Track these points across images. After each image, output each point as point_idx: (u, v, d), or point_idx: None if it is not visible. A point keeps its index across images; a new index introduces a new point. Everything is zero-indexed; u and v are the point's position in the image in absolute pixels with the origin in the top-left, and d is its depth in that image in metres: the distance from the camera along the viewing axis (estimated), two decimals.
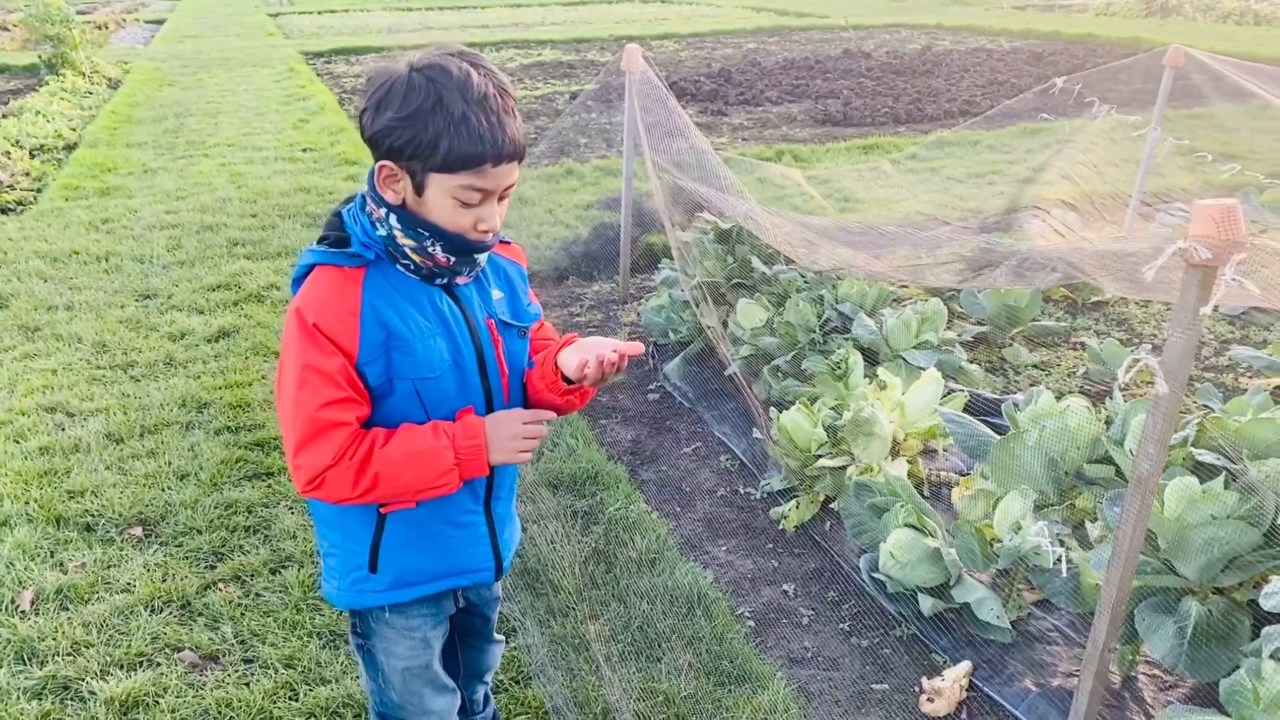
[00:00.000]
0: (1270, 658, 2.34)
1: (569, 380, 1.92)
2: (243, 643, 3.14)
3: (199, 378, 4.97)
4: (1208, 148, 7.06)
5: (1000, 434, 3.60)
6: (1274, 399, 3.74)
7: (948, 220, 6.80)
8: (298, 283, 1.83)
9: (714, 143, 5.84)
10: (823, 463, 3.73)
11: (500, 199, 1.79)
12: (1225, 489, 2.72)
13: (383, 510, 1.91)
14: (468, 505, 1.99)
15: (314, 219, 7.64)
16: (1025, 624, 3.25)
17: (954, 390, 4.19)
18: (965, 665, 3.09)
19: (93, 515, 3.78)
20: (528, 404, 2.06)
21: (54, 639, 3.12)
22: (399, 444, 1.78)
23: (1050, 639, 3.21)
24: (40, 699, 2.89)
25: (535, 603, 3.31)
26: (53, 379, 4.93)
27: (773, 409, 4.06)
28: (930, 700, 3.00)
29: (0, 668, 3.00)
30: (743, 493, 4.09)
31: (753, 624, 3.33)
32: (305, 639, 3.14)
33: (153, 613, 3.27)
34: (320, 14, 26.81)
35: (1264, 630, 2.43)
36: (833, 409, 3.89)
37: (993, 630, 3.13)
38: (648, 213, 6.66)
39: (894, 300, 4.78)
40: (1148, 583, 2.73)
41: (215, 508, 3.83)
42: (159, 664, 3.04)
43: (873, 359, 4.38)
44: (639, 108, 5.50)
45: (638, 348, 1.89)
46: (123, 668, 3.02)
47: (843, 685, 3.08)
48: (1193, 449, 2.93)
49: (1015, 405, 3.53)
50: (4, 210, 7.99)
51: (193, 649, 3.11)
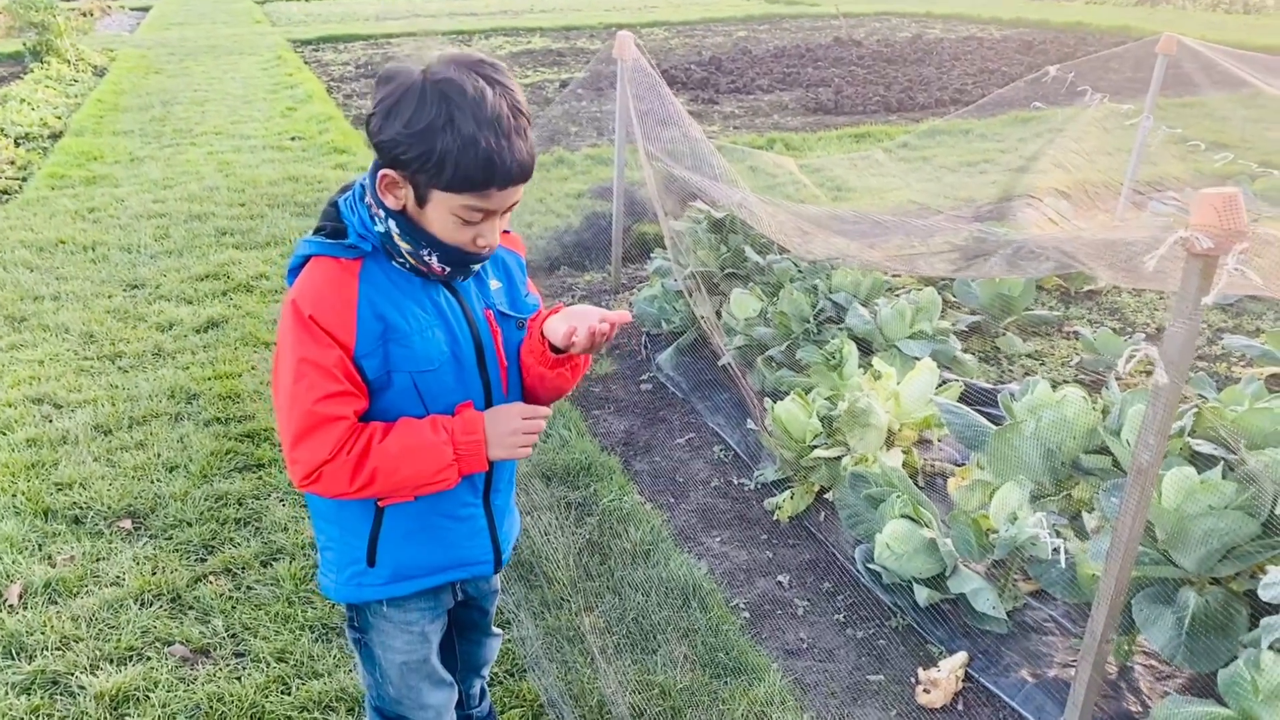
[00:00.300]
0: (1270, 649, 2.33)
1: (556, 350, 1.88)
2: (234, 636, 3.12)
3: (188, 368, 4.92)
4: (1199, 136, 7.04)
5: (996, 424, 3.59)
6: (1268, 388, 3.74)
7: (940, 209, 6.78)
8: (293, 273, 1.80)
9: (705, 131, 5.80)
10: (818, 453, 3.71)
11: (502, 214, 1.76)
12: (1223, 479, 2.71)
13: (381, 504, 1.88)
14: (467, 498, 1.97)
15: (303, 208, 7.59)
16: (1021, 614, 3.25)
17: (949, 380, 4.18)
18: (961, 656, 3.08)
19: (81, 508, 3.74)
20: (527, 396, 2.03)
21: (42, 633, 3.09)
22: (397, 439, 1.76)
23: (1046, 629, 3.21)
24: (29, 694, 2.85)
25: (529, 595, 3.29)
26: (40, 370, 4.87)
27: (767, 399, 4.05)
28: (926, 691, 2.99)
29: None
30: (736, 483, 4.08)
31: (748, 615, 3.32)
32: (297, 632, 3.12)
33: (143, 606, 3.23)
34: (308, 1, 26.60)
35: (1263, 621, 2.42)
36: (827, 399, 3.88)
37: (989, 621, 3.12)
38: (639, 202, 6.63)
39: (888, 290, 4.76)
40: (1145, 573, 2.72)
41: (205, 500, 3.80)
42: (149, 658, 3.01)
43: (867, 349, 4.37)
44: (631, 95, 5.46)
45: (625, 316, 1.86)
46: (112, 662, 2.99)
47: (838, 676, 3.07)
48: (1190, 439, 2.92)
49: (1011, 395, 3.52)
50: None
51: (183, 643, 3.08)
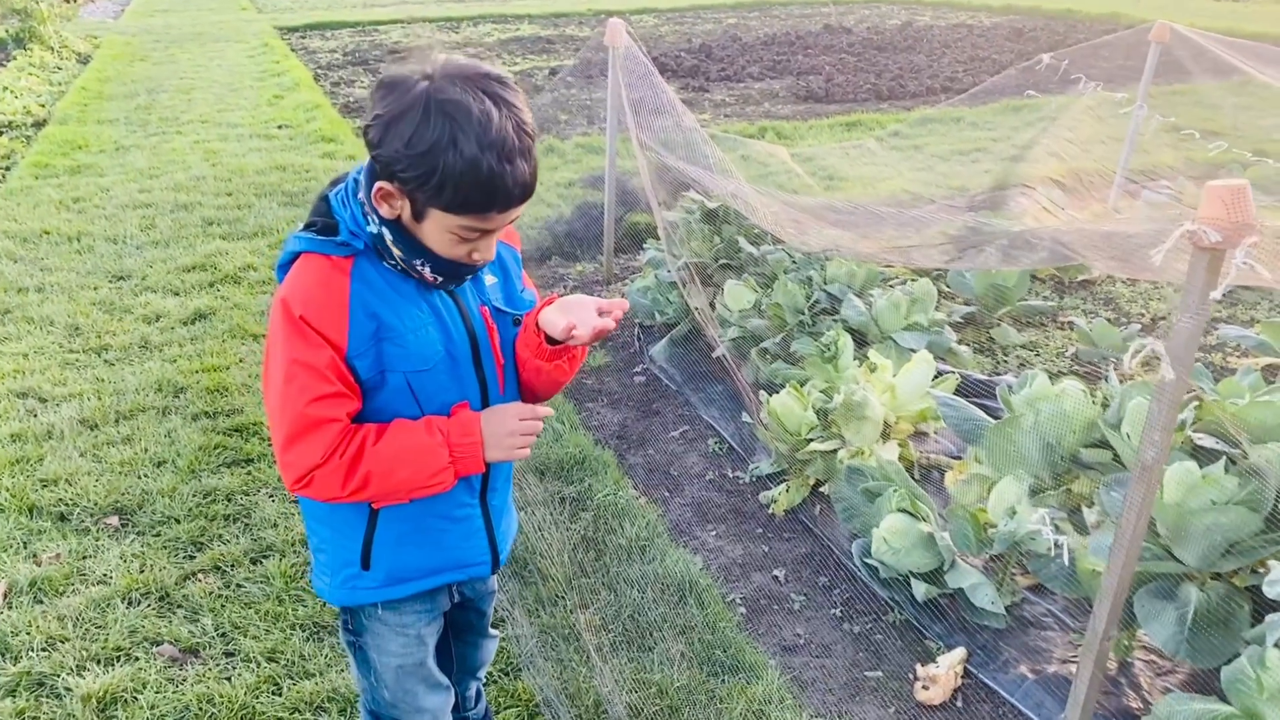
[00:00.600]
0: (1275, 646, 2.31)
1: (552, 342, 1.82)
2: (224, 635, 3.07)
3: (175, 361, 4.86)
4: (1190, 124, 7.02)
5: (992, 416, 3.56)
6: (1265, 379, 3.71)
7: (934, 199, 6.75)
8: (283, 269, 1.75)
9: (697, 119, 5.73)
10: (813, 446, 3.68)
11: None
12: (1225, 474, 2.68)
13: (375, 505, 1.83)
14: (463, 498, 1.92)
15: (291, 198, 7.51)
16: (1019, 609, 3.22)
17: (944, 372, 4.14)
18: (960, 652, 3.06)
19: (67, 504, 3.68)
20: (523, 391, 1.99)
21: (28, 633, 3.04)
22: (391, 441, 1.71)
23: (1045, 624, 3.18)
24: (14, 696, 2.80)
25: (524, 591, 3.25)
26: (24, 363, 4.80)
27: (762, 392, 4.01)
28: (925, 688, 2.96)
29: None
30: (731, 476, 4.04)
31: (744, 611, 3.29)
32: (288, 631, 3.07)
33: (130, 605, 3.18)
34: None
35: (1268, 618, 2.39)
36: (822, 392, 3.84)
37: (987, 616, 3.10)
38: (631, 191, 6.57)
39: (883, 280, 4.72)
40: (1147, 569, 2.70)
41: (193, 496, 3.74)
42: (137, 658, 2.97)
43: (862, 340, 4.33)
44: (623, 84, 5.40)
45: (623, 304, 1.81)
46: (100, 663, 2.94)
47: (836, 673, 3.04)
48: (1191, 433, 2.89)
49: (1009, 388, 3.49)
50: None
51: (172, 642, 3.03)
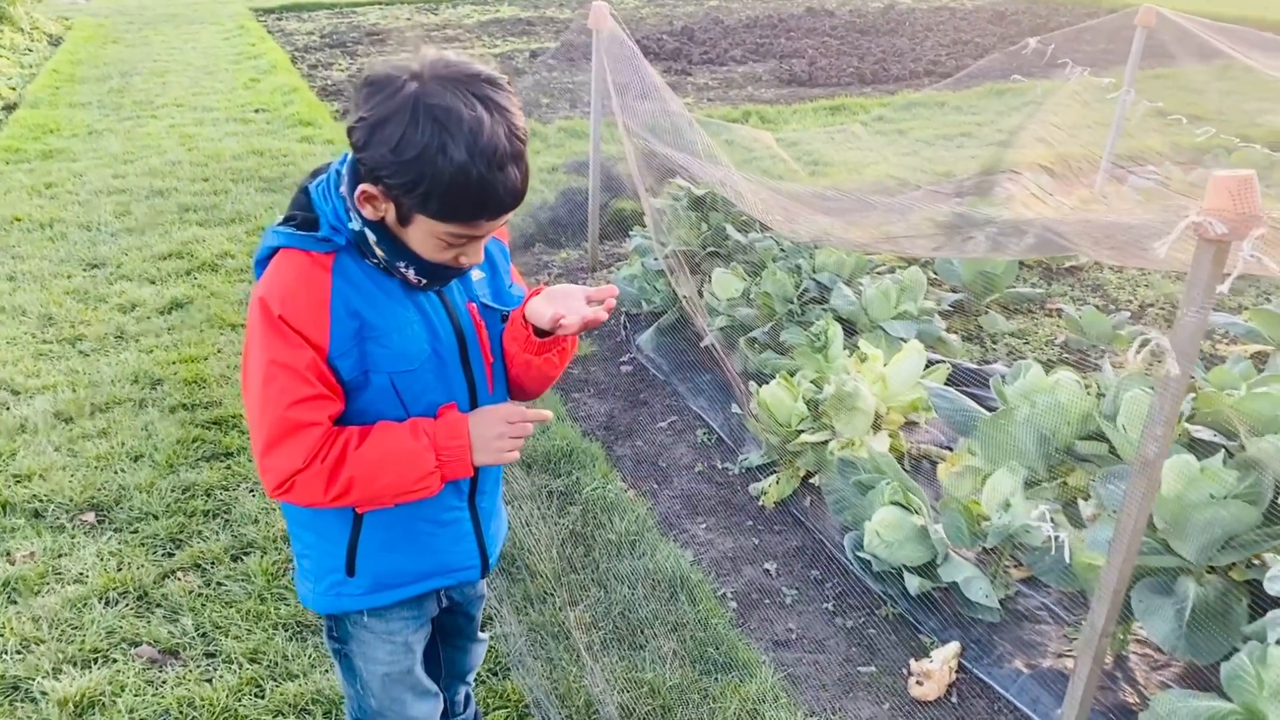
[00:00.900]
0: (1277, 643, 2.28)
1: (541, 334, 1.76)
2: (204, 636, 3.00)
3: (151, 352, 4.75)
4: (1175, 108, 6.99)
5: (983, 405, 3.52)
6: (1255, 366, 3.69)
7: (920, 185, 6.70)
8: (261, 265, 1.67)
9: (681, 104, 5.67)
10: (804, 438, 3.63)
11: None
12: (1223, 466, 2.65)
13: (359, 510, 1.77)
14: (451, 502, 1.86)
15: (269, 183, 7.38)
16: (1013, 602, 3.19)
17: (934, 361, 4.10)
18: (954, 646, 3.02)
19: (41, 501, 3.59)
20: (513, 388, 1.93)
21: (1, 635, 2.95)
22: (375, 445, 1.64)
23: (1039, 618, 3.15)
24: None
25: (511, 589, 3.19)
26: None
27: (752, 383, 3.96)
28: (920, 683, 2.93)
29: None
30: (720, 468, 3.99)
31: (735, 605, 3.24)
32: (270, 631, 3.00)
33: (107, 605, 3.10)
34: None
35: (1269, 615, 2.37)
36: (813, 382, 3.79)
37: (981, 610, 3.06)
38: (616, 177, 6.48)
39: (872, 268, 4.67)
40: (1144, 563, 2.66)
41: (172, 491, 3.66)
42: (115, 660, 2.89)
43: (851, 329, 4.28)
44: (607, 67, 5.32)
45: (613, 290, 1.76)
46: (76, 665, 2.87)
47: (829, 669, 3.00)
48: (1188, 425, 2.86)
49: (1002, 378, 3.45)
50: None
51: (151, 643, 2.96)
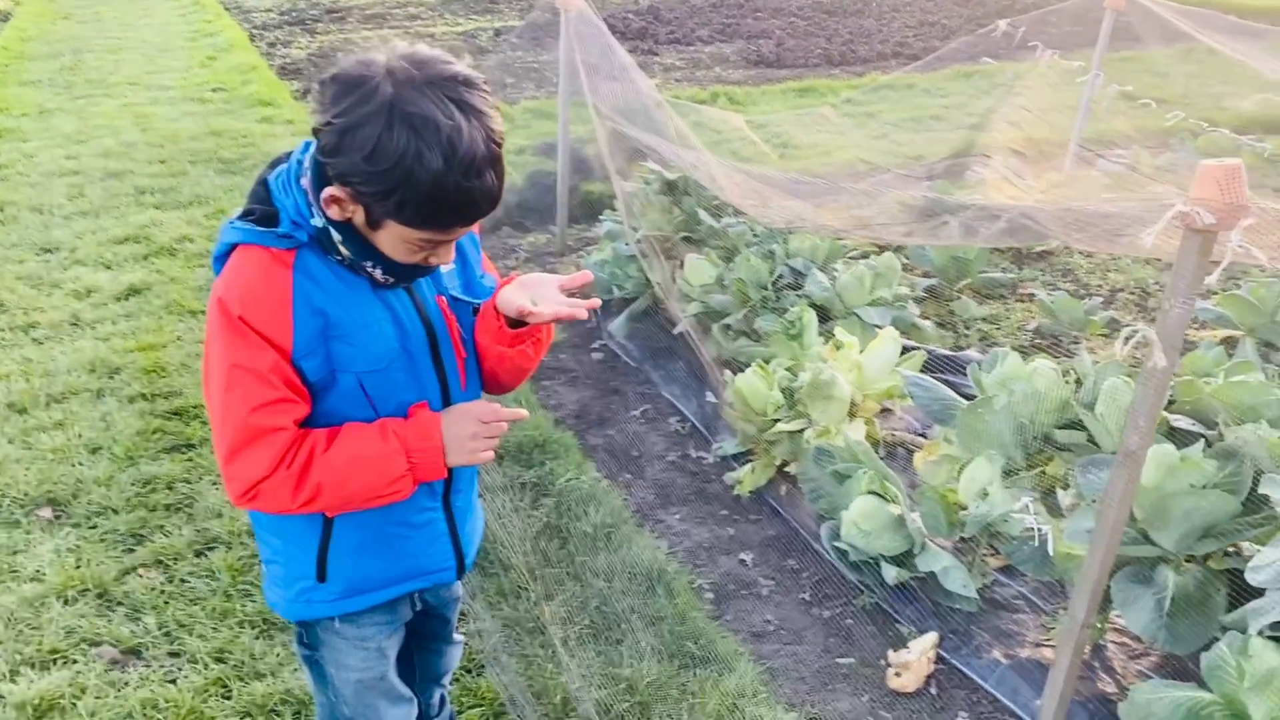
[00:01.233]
0: (1258, 635, 2.27)
1: (514, 324, 1.69)
2: (168, 635, 2.91)
3: (108, 339, 4.62)
4: (1143, 92, 7.01)
5: (958, 393, 3.50)
6: (1227, 353, 3.70)
7: (891, 169, 6.67)
8: (219, 261, 1.59)
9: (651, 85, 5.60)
10: (780, 426, 3.59)
11: None
12: (1203, 456, 2.64)
13: (329, 514, 1.69)
14: (424, 503, 1.79)
15: (228, 165, 7.21)
16: (990, 591, 3.18)
17: (909, 348, 4.07)
18: (932, 636, 3.01)
19: None
20: (487, 381, 1.86)
21: None
22: (343, 449, 1.57)
23: (1016, 607, 3.15)
24: None
25: (485, 583, 3.13)
26: None
27: (727, 371, 3.91)
28: (898, 675, 2.91)
29: None
30: (695, 456, 3.95)
31: (712, 597, 3.20)
32: (236, 629, 2.93)
33: (66, 604, 3.01)
34: None
35: (1250, 605, 2.36)
36: (788, 370, 3.75)
37: (959, 600, 3.04)
38: (586, 160, 6.38)
39: (845, 254, 4.63)
40: (1123, 552, 2.65)
41: (132, 484, 3.55)
42: (75, 661, 2.81)
43: (825, 316, 4.24)
44: (576, 48, 5.22)
45: (587, 277, 1.70)
46: (34, 667, 2.78)
47: (807, 660, 2.98)
48: (1166, 414, 2.84)
49: (979, 366, 3.43)
50: None
51: (113, 643, 2.87)
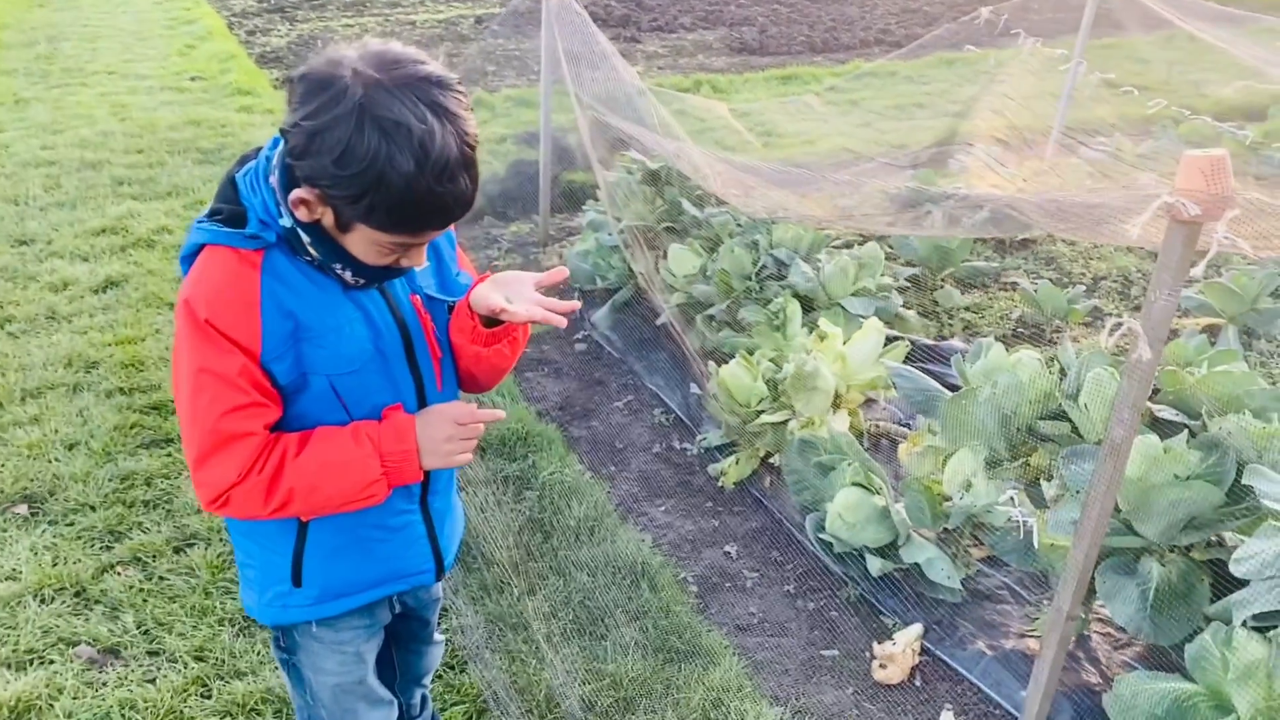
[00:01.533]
0: (1242, 625, 2.27)
1: (489, 323, 1.66)
2: (146, 633, 2.88)
3: (85, 333, 4.56)
4: (1125, 79, 6.99)
5: (942, 383, 3.49)
6: (1209, 341, 3.70)
7: (874, 157, 6.65)
8: (186, 261, 1.55)
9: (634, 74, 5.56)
10: (764, 418, 3.57)
11: None
12: (1186, 447, 2.64)
13: (303, 518, 1.67)
14: (401, 505, 1.76)
15: (206, 155, 7.13)
16: (974, 581, 3.18)
17: (892, 338, 4.06)
18: (916, 628, 3.00)
19: None
20: (464, 381, 1.83)
21: None
22: (314, 454, 1.54)
23: (1000, 597, 3.15)
24: None
25: (467, 578, 3.10)
26: None
27: (711, 363, 3.89)
28: (883, 667, 2.90)
29: None
30: (679, 448, 3.93)
31: (696, 590, 3.19)
32: (216, 627, 2.90)
33: (43, 603, 2.97)
34: None
35: (1233, 596, 2.36)
36: (772, 361, 3.73)
37: (943, 591, 3.04)
38: (568, 149, 6.34)
39: (829, 244, 4.61)
40: (1108, 543, 2.65)
41: (109, 480, 3.51)
42: (52, 661, 2.77)
43: (809, 306, 4.22)
44: (558, 35, 5.18)
45: (562, 272, 1.68)
46: (10, 667, 2.74)
47: (792, 652, 2.97)
48: (1150, 404, 2.84)
49: (963, 356, 3.41)
50: None
51: (90, 643, 2.84)
